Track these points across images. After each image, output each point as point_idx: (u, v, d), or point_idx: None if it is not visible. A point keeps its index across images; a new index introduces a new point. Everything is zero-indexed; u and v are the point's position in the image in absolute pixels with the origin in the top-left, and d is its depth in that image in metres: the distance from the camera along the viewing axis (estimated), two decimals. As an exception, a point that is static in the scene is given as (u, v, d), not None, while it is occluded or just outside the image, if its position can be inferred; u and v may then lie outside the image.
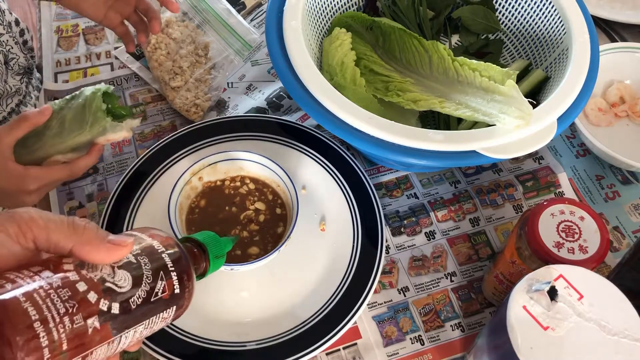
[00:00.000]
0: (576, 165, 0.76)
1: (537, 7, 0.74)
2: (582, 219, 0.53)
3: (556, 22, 0.71)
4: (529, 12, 0.75)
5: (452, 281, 0.66)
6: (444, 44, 0.67)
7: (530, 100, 0.58)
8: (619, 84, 0.80)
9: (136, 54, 0.87)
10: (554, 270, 0.47)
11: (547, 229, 0.52)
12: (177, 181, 0.62)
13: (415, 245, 0.68)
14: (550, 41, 0.72)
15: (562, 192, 0.73)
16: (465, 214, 0.71)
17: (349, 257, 0.65)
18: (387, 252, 0.68)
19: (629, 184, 0.74)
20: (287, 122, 0.75)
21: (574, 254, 0.51)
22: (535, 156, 0.76)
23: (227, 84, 0.84)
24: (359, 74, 0.65)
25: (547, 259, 0.51)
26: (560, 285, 0.46)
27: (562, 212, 0.53)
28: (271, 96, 0.82)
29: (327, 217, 0.69)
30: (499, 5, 0.79)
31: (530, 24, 0.75)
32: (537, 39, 0.74)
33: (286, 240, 0.59)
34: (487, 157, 0.57)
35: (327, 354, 0.61)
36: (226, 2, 0.88)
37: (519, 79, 0.70)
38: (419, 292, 0.65)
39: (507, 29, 0.79)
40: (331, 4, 0.75)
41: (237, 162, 0.66)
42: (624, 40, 0.89)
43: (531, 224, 0.52)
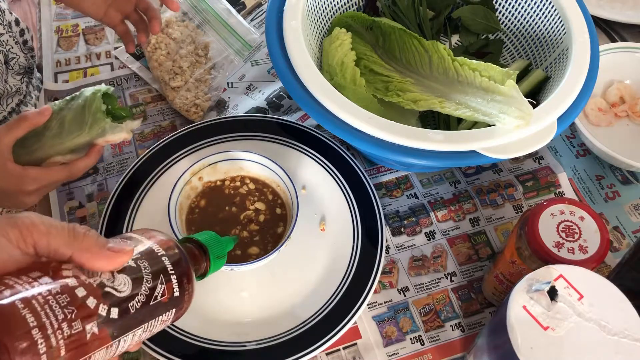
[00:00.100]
0: (576, 165, 0.75)
1: (537, 7, 0.74)
2: (582, 219, 0.53)
3: (556, 22, 0.71)
4: (529, 12, 0.75)
5: (452, 281, 0.66)
6: (444, 44, 0.67)
7: (530, 100, 0.58)
8: (619, 84, 0.80)
9: (136, 54, 0.87)
10: (554, 270, 0.47)
11: (547, 229, 0.52)
12: (177, 181, 0.62)
13: (415, 245, 0.68)
14: (550, 41, 0.72)
15: (562, 192, 0.73)
16: (465, 214, 0.71)
17: (349, 257, 0.65)
18: (387, 252, 0.68)
19: (629, 184, 0.74)
20: (287, 122, 0.75)
21: (574, 254, 0.51)
22: (535, 156, 0.76)
23: (227, 84, 0.84)
24: (359, 74, 0.65)
25: (547, 259, 0.51)
26: (560, 285, 0.46)
27: (562, 212, 0.53)
28: (271, 96, 0.82)
29: (327, 217, 0.69)
30: (499, 5, 0.79)
31: (530, 24, 0.75)
32: (537, 39, 0.74)
33: (286, 240, 0.59)
34: (487, 157, 0.57)
35: (327, 354, 0.61)
36: (226, 2, 0.88)
37: (519, 79, 0.70)
38: (419, 292, 0.65)
39: (507, 29, 0.79)
40: (331, 4, 0.75)
41: (237, 162, 0.66)
42: (624, 40, 0.89)
43: (531, 224, 0.52)
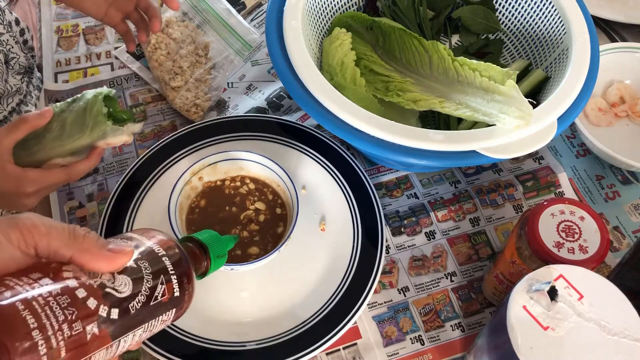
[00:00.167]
0: (576, 165, 0.75)
1: (537, 7, 0.74)
2: (582, 219, 0.53)
3: (556, 22, 0.71)
4: (529, 12, 0.75)
5: (452, 281, 0.66)
6: (444, 44, 0.67)
7: (530, 100, 0.58)
8: (619, 84, 0.80)
9: (136, 53, 0.87)
10: (554, 270, 0.47)
11: (547, 229, 0.52)
12: (177, 181, 0.62)
13: (415, 245, 0.68)
14: (550, 41, 0.72)
15: (562, 192, 0.73)
16: (465, 214, 0.71)
17: (349, 257, 0.65)
18: (387, 252, 0.68)
19: (629, 184, 0.74)
20: (287, 122, 0.75)
21: (574, 254, 0.51)
22: (535, 156, 0.76)
23: (227, 84, 0.84)
24: (359, 74, 0.65)
25: (547, 259, 0.51)
26: (560, 285, 0.46)
27: (562, 212, 0.53)
28: (271, 96, 0.82)
29: (327, 217, 0.69)
30: (499, 5, 0.79)
31: (530, 24, 0.75)
32: (537, 39, 0.74)
33: (286, 240, 0.59)
34: (487, 157, 0.57)
35: (327, 354, 0.61)
36: (226, 2, 0.88)
37: (519, 79, 0.70)
38: (419, 292, 0.65)
39: (507, 29, 0.79)
40: (331, 4, 0.75)
41: (237, 162, 0.66)
42: (624, 40, 0.89)
43: (531, 224, 0.52)
